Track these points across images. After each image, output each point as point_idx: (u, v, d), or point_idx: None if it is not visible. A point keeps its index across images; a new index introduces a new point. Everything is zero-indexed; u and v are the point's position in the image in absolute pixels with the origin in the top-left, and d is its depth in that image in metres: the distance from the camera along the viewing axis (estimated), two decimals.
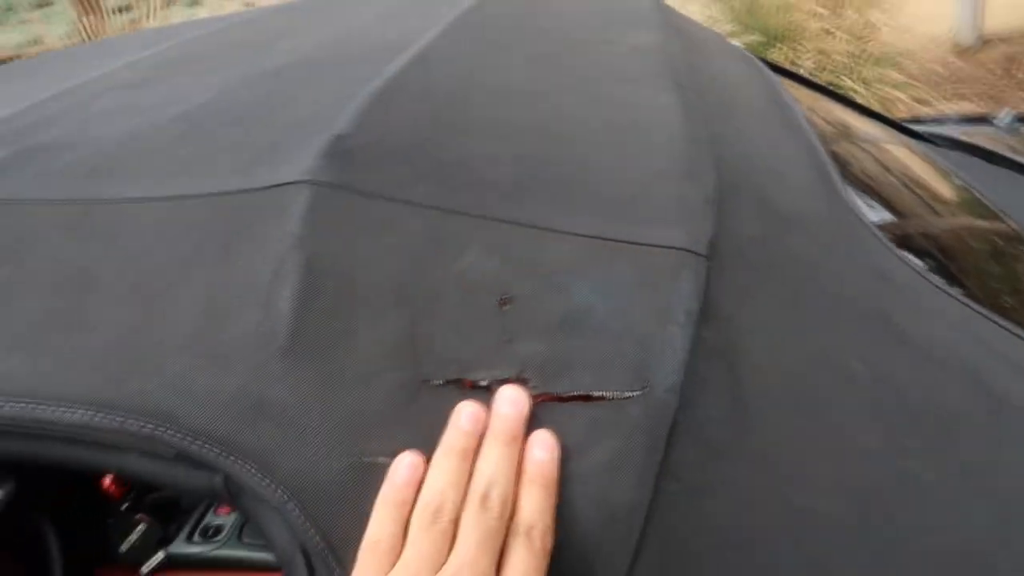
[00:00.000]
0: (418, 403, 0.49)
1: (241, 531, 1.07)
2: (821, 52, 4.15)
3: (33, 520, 0.93)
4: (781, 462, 0.51)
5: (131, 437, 0.50)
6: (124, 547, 1.05)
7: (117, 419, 0.49)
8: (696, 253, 0.56)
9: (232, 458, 0.48)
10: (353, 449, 0.48)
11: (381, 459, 0.48)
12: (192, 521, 1.08)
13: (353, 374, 0.50)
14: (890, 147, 1.45)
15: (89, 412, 0.49)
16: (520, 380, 0.50)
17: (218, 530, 1.07)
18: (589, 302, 0.53)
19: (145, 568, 1.05)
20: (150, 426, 0.49)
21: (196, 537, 1.06)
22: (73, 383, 0.50)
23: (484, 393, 0.50)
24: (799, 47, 4.20)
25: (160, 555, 1.06)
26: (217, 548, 1.05)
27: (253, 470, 0.48)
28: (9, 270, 0.56)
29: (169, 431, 0.49)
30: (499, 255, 0.54)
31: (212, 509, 1.12)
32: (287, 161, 0.59)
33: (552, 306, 0.52)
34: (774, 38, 4.23)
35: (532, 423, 0.49)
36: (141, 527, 1.04)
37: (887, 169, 1.33)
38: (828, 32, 4.28)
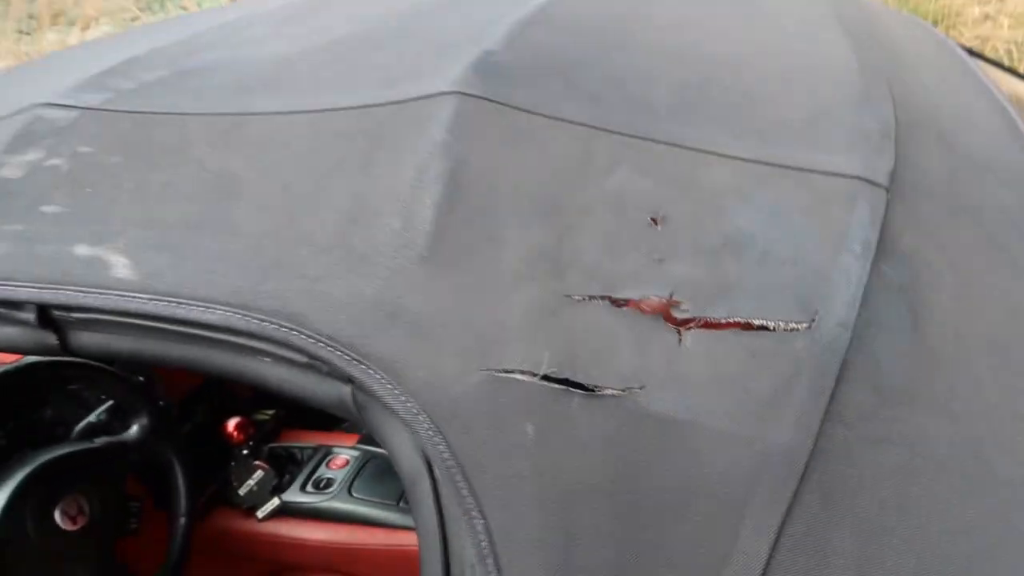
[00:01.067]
0: (559, 318, 0.46)
1: (351, 485, 1.09)
2: (980, 39, 3.82)
3: (163, 454, 0.98)
4: (973, 421, 0.44)
5: (266, 340, 0.49)
6: (243, 491, 1.08)
7: (254, 321, 0.49)
8: (874, 183, 0.50)
9: (363, 365, 0.47)
10: (489, 362, 0.45)
11: (517, 375, 0.45)
12: (306, 472, 1.12)
13: (492, 285, 0.47)
14: None
15: (228, 312, 0.49)
16: (671, 302, 0.46)
17: (329, 483, 1.09)
18: (752, 227, 0.48)
19: (260, 513, 1.08)
20: (285, 328, 0.48)
21: (309, 488, 1.09)
22: (214, 284, 0.51)
23: (629, 312, 0.46)
24: (955, 33, 3.87)
25: (275, 502, 1.09)
26: (328, 500, 1.07)
27: (383, 378, 0.46)
28: (165, 175, 0.57)
29: (303, 334, 0.48)
30: (653, 175, 0.50)
31: (325, 462, 1.15)
32: (433, 75, 0.57)
33: (710, 228, 0.48)
34: (928, 22, 3.92)
35: (682, 351, 0.45)
36: (259, 474, 1.08)
37: None
38: (989, 17, 3.93)
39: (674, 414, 0.43)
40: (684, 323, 0.45)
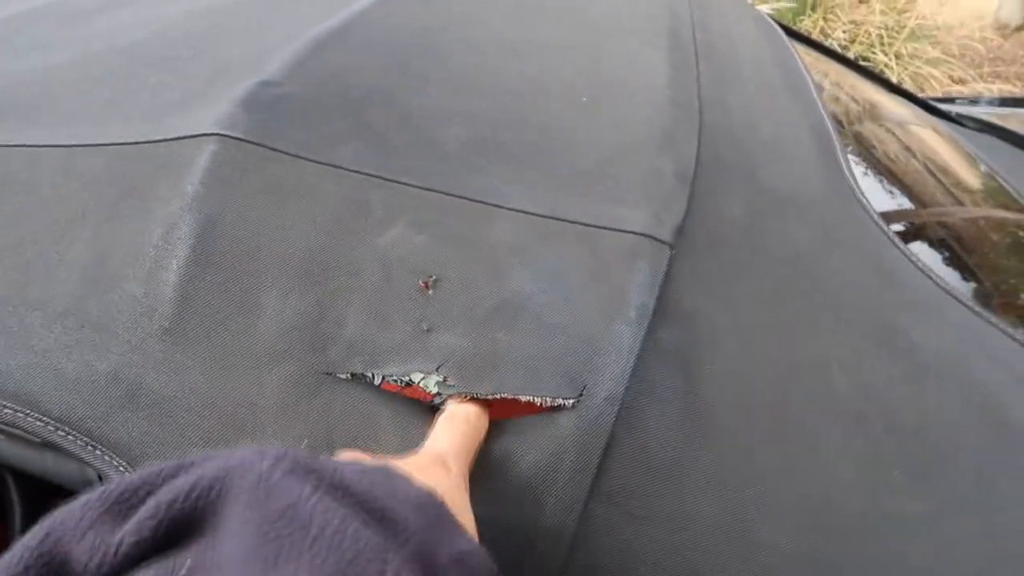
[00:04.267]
0: (317, 398, 0.43)
1: None
2: (854, 23, 3.97)
3: None
4: (740, 489, 0.44)
5: None
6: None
7: None
8: (657, 239, 0.48)
9: (99, 451, 0.42)
10: None
11: None
12: None
13: (244, 361, 0.43)
14: (913, 127, 1.34)
15: None
16: (437, 378, 0.43)
17: None
18: (527, 291, 0.45)
19: None
20: (10, 409, 0.43)
21: None
22: None
23: (393, 392, 0.43)
24: (831, 17, 4.02)
25: None
26: None
27: (121, 467, 0.41)
28: None
29: (31, 416, 0.43)
30: (430, 231, 0.47)
31: None
32: (200, 109, 0.52)
33: (483, 293, 0.45)
34: (807, 7, 4.05)
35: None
36: None
37: (908, 151, 1.23)
38: (863, 2, 4.09)
39: None
40: (448, 400, 0.42)
